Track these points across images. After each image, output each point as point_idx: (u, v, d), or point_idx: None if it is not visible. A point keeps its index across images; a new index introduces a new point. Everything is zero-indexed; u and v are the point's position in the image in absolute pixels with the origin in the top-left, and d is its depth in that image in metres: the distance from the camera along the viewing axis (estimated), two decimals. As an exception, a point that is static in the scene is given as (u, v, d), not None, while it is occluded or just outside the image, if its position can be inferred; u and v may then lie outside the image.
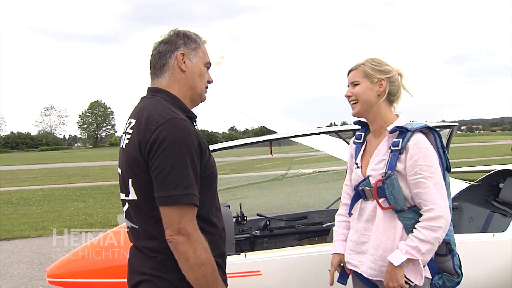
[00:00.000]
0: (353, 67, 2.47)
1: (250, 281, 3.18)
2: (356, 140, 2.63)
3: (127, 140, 1.87)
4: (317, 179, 12.33)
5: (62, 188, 17.92)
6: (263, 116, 7.41)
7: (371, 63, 2.43)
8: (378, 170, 2.35)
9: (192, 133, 1.79)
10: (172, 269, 1.80)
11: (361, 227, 2.46)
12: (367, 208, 2.43)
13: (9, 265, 6.84)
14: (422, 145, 2.27)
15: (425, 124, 2.37)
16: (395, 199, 2.29)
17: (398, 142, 2.29)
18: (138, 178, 1.81)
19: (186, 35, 1.97)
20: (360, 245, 2.46)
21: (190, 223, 1.72)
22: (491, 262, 3.49)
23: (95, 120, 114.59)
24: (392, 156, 2.31)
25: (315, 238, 4.61)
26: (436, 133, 2.38)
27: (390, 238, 2.32)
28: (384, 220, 2.34)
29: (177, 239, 1.71)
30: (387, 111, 2.45)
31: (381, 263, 2.33)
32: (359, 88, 2.42)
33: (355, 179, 2.50)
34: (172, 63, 1.94)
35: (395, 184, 2.28)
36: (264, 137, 4.25)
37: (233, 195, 6.26)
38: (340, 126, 3.90)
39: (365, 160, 2.50)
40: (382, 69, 2.42)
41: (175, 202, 1.70)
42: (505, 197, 4.31)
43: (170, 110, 1.83)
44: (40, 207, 12.70)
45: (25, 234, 8.98)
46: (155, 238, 1.82)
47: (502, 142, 50.42)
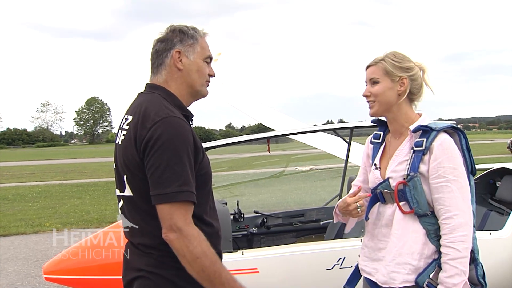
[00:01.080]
0: (372, 62, 2.25)
1: (247, 278, 3.18)
2: (374, 140, 2.43)
3: (123, 136, 1.86)
4: (314, 176, 12.34)
5: (58, 184, 17.90)
6: (260, 113, 7.42)
7: (392, 58, 2.21)
8: (399, 171, 2.18)
9: (188, 132, 1.78)
10: (169, 266, 1.79)
11: (379, 232, 2.29)
12: (385, 212, 2.25)
13: (5, 261, 6.82)
14: (448, 146, 2.10)
15: (451, 123, 2.21)
16: (418, 203, 2.13)
17: (422, 142, 2.12)
18: (133, 175, 1.81)
19: (182, 31, 1.94)
20: (377, 251, 2.29)
21: (180, 218, 1.70)
22: (488, 261, 3.48)
23: (92, 117, 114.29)
24: (414, 157, 2.14)
25: (312, 235, 4.62)
26: (462, 134, 2.21)
27: (408, 243, 2.14)
28: (402, 225, 2.17)
29: (170, 236, 1.70)
30: (408, 110, 2.26)
31: (391, 269, 2.17)
32: (379, 87, 2.21)
33: (373, 181, 2.32)
34: (169, 62, 1.93)
35: (418, 187, 2.12)
36: (261, 134, 4.25)
37: (231, 192, 6.28)
38: (338, 124, 3.90)
39: (384, 162, 2.31)
40: (404, 66, 2.22)
41: (170, 200, 1.69)
42: (501, 196, 4.32)
43: (166, 108, 1.81)
44: (36, 203, 12.67)
45: (21, 231, 8.96)
46: (151, 234, 1.81)
47: (499, 140, 50.68)
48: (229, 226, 3.76)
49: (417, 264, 2.13)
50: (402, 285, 2.14)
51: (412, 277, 2.13)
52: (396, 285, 2.15)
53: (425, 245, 2.13)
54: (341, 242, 3.48)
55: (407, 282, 2.14)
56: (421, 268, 2.12)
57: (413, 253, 2.13)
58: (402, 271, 2.14)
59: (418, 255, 2.13)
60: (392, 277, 2.17)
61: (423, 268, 2.12)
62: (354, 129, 4.32)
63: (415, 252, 2.13)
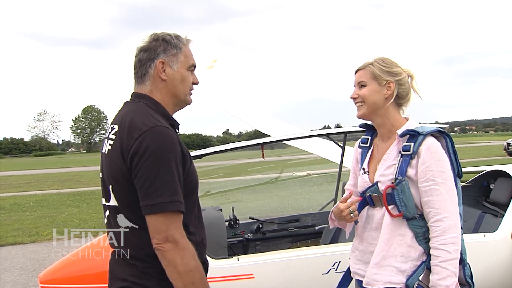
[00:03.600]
0: (361, 66, 2.31)
1: (243, 284, 3.19)
2: (362, 144, 2.48)
3: (110, 146, 1.85)
4: (311, 181, 12.35)
5: (55, 193, 17.85)
6: (256, 119, 7.43)
7: (380, 63, 2.27)
8: (388, 175, 2.22)
9: (175, 141, 1.78)
10: (152, 277, 1.80)
11: (368, 235, 2.33)
12: (374, 215, 2.30)
13: (3, 271, 6.80)
14: (435, 149, 2.15)
15: (437, 127, 2.25)
16: (406, 206, 2.16)
17: (409, 146, 2.17)
18: (118, 185, 1.80)
19: (166, 41, 1.92)
20: (368, 254, 2.32)
21: (177, 230, 1.72)
22: (482, 263, 3.51)
23: (89, 125, 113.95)
24: (402, 161, 2.19)
25: (308, 240, 4.63)
26: (448, 137, 2.25)
27: (393, 247, 2.19)
28: (390, 228, 2.20)
29: (165, 247, 1.70)
30: (395, 114, 2.31)
31: (374, 271, 2.21)
32: (366, 90, 2.27)
33: (362, 185, 2.36)
34: (152, 72, 1.92)
35: (406, 191, 2.16)
36: (256, 140, 4.27)
37: (226, 199, 6.28)
38: (333, 129, 3.92)
39: (372, 165, 2.36)
40: (391, 71, 2.27)
41: (161, 210, 1.69)
42: (495, 198, 4.34)
43: (152, 117, 1.82)
44: (33, 213, 12.64)
45: (19, 240, 8.94)
46: (135, 245, 1.82)
47: (495, 142, 50.68)
48: (224, 232, 3.77)
49: (401, 266, 2.17)
50: (385, 285, 2.18)
51: (397, 278, 2.16)
52: (379, 286, 2.19)
53: (411, 248, 2.17)
54: (336, 247, 3.49)
55: (390, 283, 2.17)
56: (407, 270, 2.16)
57: (396, 256, 2.17)
58: (384, 273, 2.19)
59: (402, 257, 2.17)
60: (374, 279, 2.21)
61: (412, 271, 2.16)
62: (347, 134, 4.35)
63: (398, 255, 2.17)
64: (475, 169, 4.94)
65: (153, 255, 1.76)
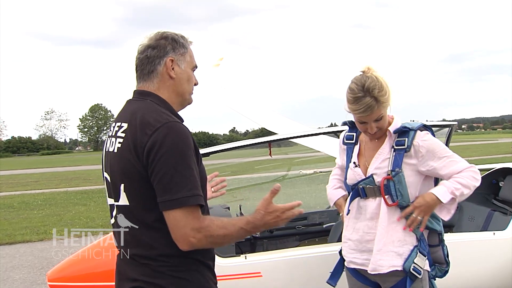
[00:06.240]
0: (369, 107, 2.37)
1: (250, 283, 3.19)
2: (347, 141, 2.69)
3: (120, 144, 1.83)
4: (318, 179, 12.29)
5: (63, 192, 17.96)
6: (262, 117, 7.41)
7: (380, 93, 2.37)
8: (383, 168, 2.45)
9: (189, 136, 1.78)
10: (166, 275, 1.78)
11: (363, 225, 2.53)
12: (367, 206, 2.51)
13: (11, 269, 6.85)
14: (429, 137, 2.46)
15: (422, 123, 2.53)
16: (402, 196, 2.41)
17: (404, 141, 2.43)
18: (132, 183, 1.78)
19: (174, 40, 1.92)
20: (365, 243, 2.53)
21: (194, 221, 1.70)
22: (492, 261, 3.49)
23: (96, 124, 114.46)
24: (396, 155, 2.43)
25: (316, 238, 4.61)
26: (431, 131, 2.55)
27: (390, 233, 2.43)
28: (387, 217, 2.44)
29: (192, 241, 1.70)
30: (386, 116, 2.52)
31: (378, 257, 2.44)
32: (383, 120, 2.45)
33: (353, 178, 2.56)
34: (161, 69, 1.90)
35: (403, 181, 2.41)
36: (263, 138, 4.25)
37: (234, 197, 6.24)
38: (340, 126, 3.89)
39: (361, 160, 2.58)
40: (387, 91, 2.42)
41: (181, 205, 1.68)
42: (505, 196, 4.31)
43: (164, 113, 1.81)
44: (41, 211, 12.71)
45: (27, 239, 8.99)
46: (147, 245, 1.79)
47: (503, 140, 50.41)
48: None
49: (398, 250, 2.43)
50: (389, 269, 2.43)
51: (397, 261, 2.43)
52: (384, 271, 2.43)
53: (406, 233, 2.44)
54: (344, 245, 3.48)
55: (393, 266, 2.43)
56: (404, 253, 2.43)
57: (394, 241, 2.43)
58: (387, 258, 2.43)
59: (399, 242, 2.44)
60: (380, 265, 2.44)
61: (407, 255, 2.42)
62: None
63: (395, 240, 2.43)
64: (484, 167, 4.89)
65: (166, 254, 1.76)
